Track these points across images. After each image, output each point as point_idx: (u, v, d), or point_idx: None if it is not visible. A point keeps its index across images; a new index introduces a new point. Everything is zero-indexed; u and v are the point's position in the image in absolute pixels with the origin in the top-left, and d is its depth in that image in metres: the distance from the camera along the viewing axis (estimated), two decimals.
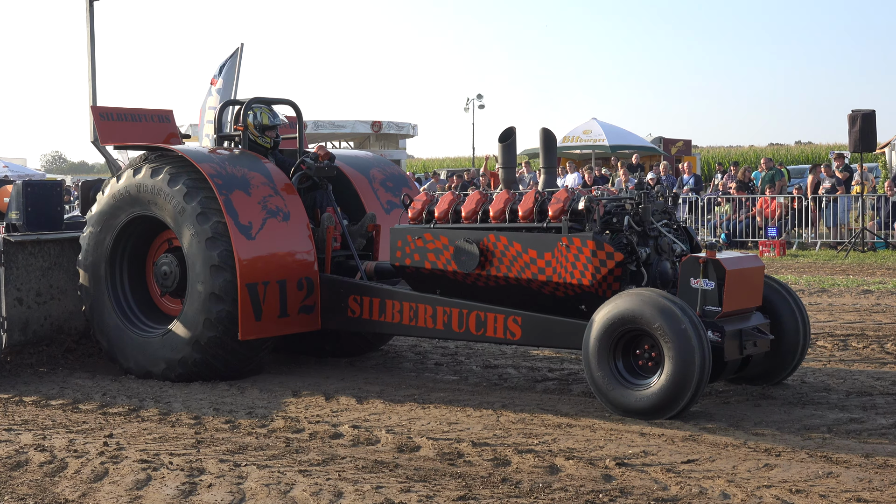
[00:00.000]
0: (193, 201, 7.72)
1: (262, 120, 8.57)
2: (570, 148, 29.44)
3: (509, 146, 7.85)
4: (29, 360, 8.46)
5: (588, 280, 6.62)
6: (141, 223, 8.26)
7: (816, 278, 14.53)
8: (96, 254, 8.32)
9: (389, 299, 7.60)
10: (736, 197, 21.01)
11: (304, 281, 7.84)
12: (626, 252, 6.70)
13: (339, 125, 32.83)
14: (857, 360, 8.26)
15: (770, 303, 6.99)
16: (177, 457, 5.63)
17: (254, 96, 8.72)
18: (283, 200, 7.95)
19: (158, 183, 7.92)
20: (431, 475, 5.21)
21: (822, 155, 44.54)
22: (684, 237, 7.21)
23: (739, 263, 6.61)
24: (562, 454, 5.52)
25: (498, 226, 7.12)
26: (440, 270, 7.28)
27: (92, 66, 10.52)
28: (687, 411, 6.19)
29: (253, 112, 8.59)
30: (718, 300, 6.36)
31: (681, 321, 6.02)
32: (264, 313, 7.60)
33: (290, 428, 6.30)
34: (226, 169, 7.88)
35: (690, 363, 5.99)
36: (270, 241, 7.73)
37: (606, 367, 6.31)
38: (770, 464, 5.26)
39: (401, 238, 7.47)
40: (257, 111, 8.60)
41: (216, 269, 7.56)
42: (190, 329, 7.67)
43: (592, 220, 6.69)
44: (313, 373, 8.17)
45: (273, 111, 8.73)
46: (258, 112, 8.60)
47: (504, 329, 7.03)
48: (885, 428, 6.01)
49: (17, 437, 6.22)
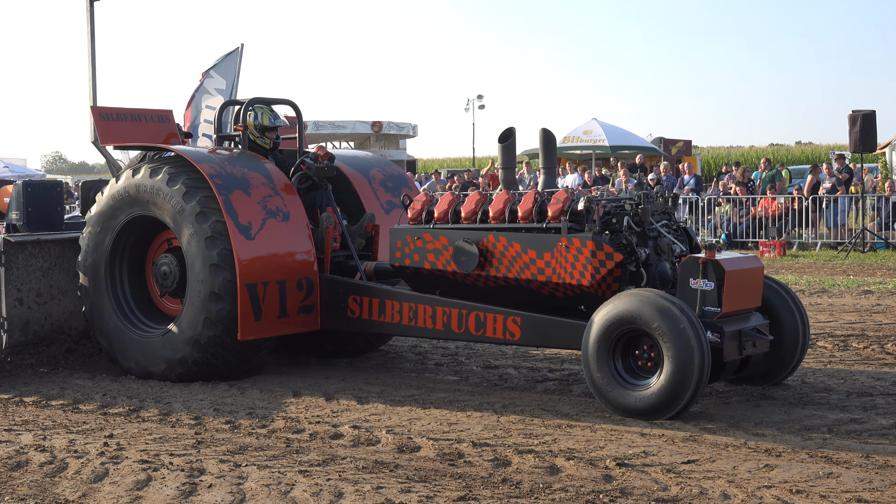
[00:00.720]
0: (192, 201, 7.72)
1: (262, 121, 8.57)
2: (571, 148, 29.43)
3: (509, 147, 7.85)
4: (29, 360, 8.46)
5: (587, 280, 6.62)
6: (140, 223, 8.26)
7: (817, 279, 14.54)
8: (96, 254, 8.32)
9: (389, 299, 7.60)
10: (736, 197, 21.01)
11: (304, 281, 7.84)
12: (626, 252, 6.70)
13: (339, 125, 32.79)
14: (858, 360, 8.26)
15: (769, 303, 6.99)
16: (177, 457, 5.63)
17: (254, 96, 8.72)
18: (283, 200, 7.95)
19: (157, 183, 7.92)
20: (432, 475, 5.21)
21: (822, 155, 44.51)
22: (684, 238, 7.21)
23: (739, 264, 6.60)
24: (562, 454, 5.52)
25: (497, 226, 7.12)
26: (440, 271, 7.28)
27: (92, 65, 10.53)
28: (686, 412, 6.19)
29: (254, 112, 8.59)
30: (718, 301, 6.36)
31: (680, 321, 6.02)
32: (264, 313, 7.60)
33: (290, 428, 6.30)
34: (225, 169, 7.88)
35: (690, 363, 5.98)
36: (270, 242, 7.72)
37: (606, 368, 6.31)
38: (770, 464, 5.26)
39: (400, 238, 7.47)
40: (258, 112, 8.60)
41: (215, 268, 7.56)
42: (190, 328, 7.67)
43: (592, 220, 6.69)
44: (314, 373, 8.17)
45: (274, 112, 8.73)
46: (259, 113, 8.60)
47: (504, 329, 7.03)
48: (885, 428, 6.01)
49: (17, 437, 6.22)
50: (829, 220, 20.07)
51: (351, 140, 34.97)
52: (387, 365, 8.55)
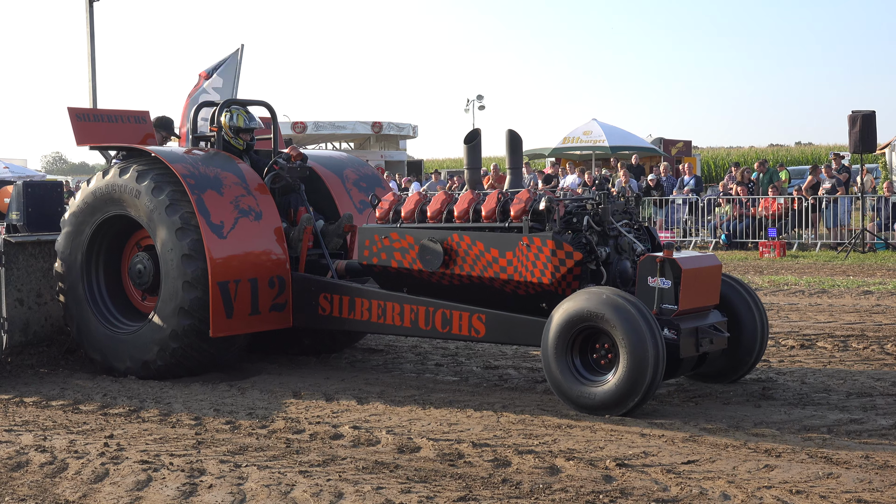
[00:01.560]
0: (161, 194, 7.83)
1: (237, 122, 8.66)
2: (571, 149, 29.43)
3: (474, 147, 7.95)
4: (29, 360, 8.48)
5: (548, 279, 6.73)
6: (114, 224, 8.33)
7: (817, 279, 14.54)
8: (71, 258, 8.37)
9: (358, 297, 7.73)
10: (736, 198, 21.02)
11: (276, 279, 7.94)
12: (586, 251, 6.81)
13: (339, 126, 32.84)
14: (858, 360, 8.26)
15: (729, 301, 7.12)
16: (177, 457, 5.63)
17: (228, 97, 8.77)
18: (256, 200, 8.06)
19: (127, 181, 8.03)
20: (432, 476, 5.21)
21: (822, 156, 44.51)
22: (646, 237, 7.31)
23: (696, 262, 6.73)
24: (562, 455, 5.52)
25: (461, 225, 7.27)
26: (406, 269, 7.40)
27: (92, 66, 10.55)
28: (641, 407, 6.27)
29: (230, 113, 8.66)
30: (675, 298, 6.48)
31: (635, 319, 6.11)
32: (235, 311, 7.71)
33: (290, 429, 6.30)
34: (198, 169, 7.99)
35: (644, 360, 6.08)
36: (242, 241, 7.83)
37: (564, 364, 6.42)
38: (770, 464, 5.27)
39: (368, 237, 7.59)
40: (234, 113, 8.69)
41: (187, 258, 7.67)
42: (165, 320, 7.75)
43: (553, 220, 6.80)
44: (314, 373, 8.17)
45: (250, 114, 8.82)
46: (235, 114, 8.68)
47: (469, 326, 7.15)
48: (885, 429, 6.02)
49: (17, 437, 6.22)
50: (829, 220, 20.08)
51: (351, 140, 35.00)
52: (387, 365, 8.56)
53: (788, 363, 8.19)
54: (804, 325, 10.25)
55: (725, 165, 27.05)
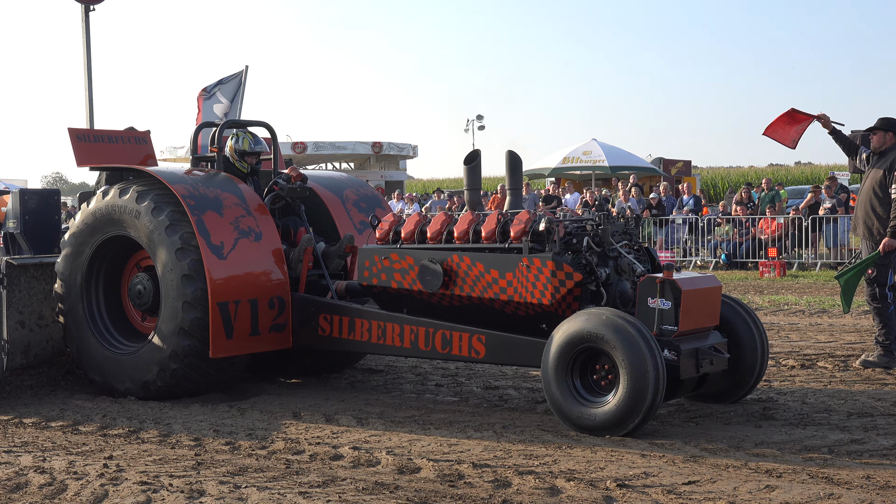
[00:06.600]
0: (161, 214, 7.83)
1: (242, 145, 8.66)
2: (570, 169, 29.49)
3: (474, 168, 7.96)
4: (29, 381, 8.45)
5: (548, 300, 6.73)
6: (114, 245, 8.32)
7: (817, 299, 14.53)
8: (71, 279, 8.35)
9: (358, 318, 7.73)
10: (736, 217, 21.03)
11: (276, 300, 7.94)
12: (586, 272, 6.82)
13: (339, 146, 32.90)
14: (858, 380, 8.25)
15: (729, 322, 7.12)
16: (177, 478, 5.62)
17: (228, 119, 8.78)
18: (256, 221, 8.07)
19: (127, 201, 8.03)
20: (432, 497, 5.20)
21: (822, 175, 44.56)
22: (646, 258, 7.32)
23: (696, 283, 6.74)
24: (562, 475, 5.51)
25: (462, 246, 7.27)
26: (406, 290, 7.40)
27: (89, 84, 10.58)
28: (641, 428, 6.25)
29: (236, 136, 8.68)
30: (675, 319, 6.49)
31: (635, 340, 6.11)
32: (235, 331, 7.71)
33: (290, 449, 6.29)
34: (199, 190, 8.00)
35: (644, 381, 6.08)
36: (242, 261, 7.83)
37: (564, 385, 6.42)
38: (771, 485, 5.25)
39: (368, 258, 7.60)
40: (240, 136, 8.70)
41: (187, 278, 7.65)
42: (165, 340, 7.73)
43: (552, 241, 6.81)
44: (313, 394, 8.16)
45: (256, 137, 8.83)
46: (241, 137, 8.70)
47: (469, 347, 7.15)
48: (886, 449, 6.00)
49: (16, 458, 6.21)
50: (829, 240, 20.08)
51: (351, 161, 35.06)
52: (387, 386, 8.55)
53: (789, 383, 8.18)
54: (805, 344, 10.24)
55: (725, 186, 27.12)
